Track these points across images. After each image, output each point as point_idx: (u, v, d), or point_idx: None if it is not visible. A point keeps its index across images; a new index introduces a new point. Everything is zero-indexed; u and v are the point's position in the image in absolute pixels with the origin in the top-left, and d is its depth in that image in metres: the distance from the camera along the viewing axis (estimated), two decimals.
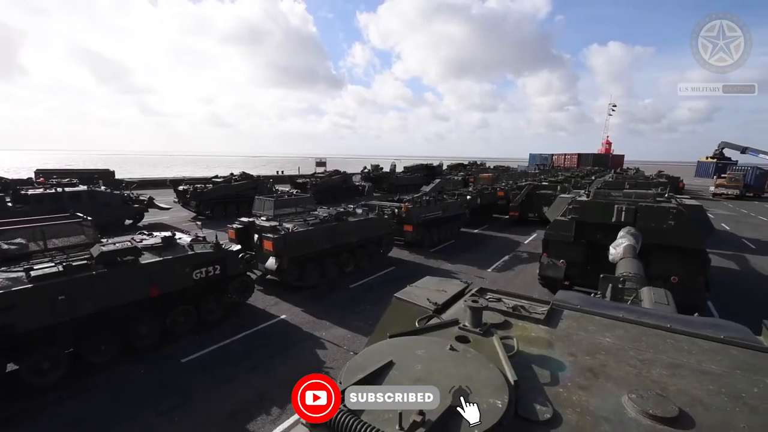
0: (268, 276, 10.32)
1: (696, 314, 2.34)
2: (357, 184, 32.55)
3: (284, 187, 26.00)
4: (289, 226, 10.07)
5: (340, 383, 1.30)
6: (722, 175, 37.79)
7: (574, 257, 8.63)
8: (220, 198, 20.99)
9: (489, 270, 12.49)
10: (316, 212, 11.84)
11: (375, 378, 1.32)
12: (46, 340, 6.09)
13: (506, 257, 13.99)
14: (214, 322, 8.26)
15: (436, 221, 15.49)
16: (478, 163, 53.63)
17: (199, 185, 21.10)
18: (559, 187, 19.18)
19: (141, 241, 7.69)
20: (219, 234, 9.69)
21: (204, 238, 8.60)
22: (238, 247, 8.96)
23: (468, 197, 19.14)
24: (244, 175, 23.81)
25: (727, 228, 20.22)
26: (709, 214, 22.48)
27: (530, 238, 16.97)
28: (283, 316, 8.74)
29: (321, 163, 39.13)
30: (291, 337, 7.79)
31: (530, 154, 67.35)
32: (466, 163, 51.91)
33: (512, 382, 1.33)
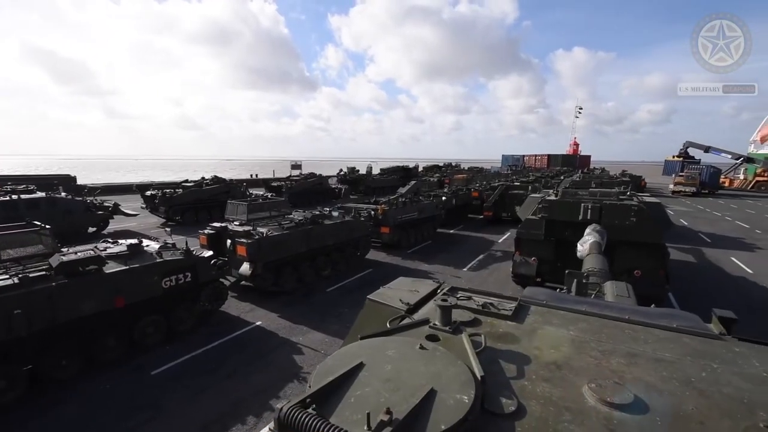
0: (243, 282, 10.08)
1: (653, 305, 2.49)
2: (333, 186, 32.35)
3: (258, 191, 25.50)
4: (263, 230, 9.89)
5: (309, 387, 1.30)
6: (680, 174, 40.09)
7: (545, 254, 8.92)
8: (190, 203, 20.33)
9: (465, 269, 12.70)
10: (291, 216, 11.68)
11: (344, 380, 1.33)
12: (1, 357, 5.71)
13: (481, 256, 14.28)
14: (186, 331, 7.98)
15: (413, 222, 15.62)
16: (453, 164, 54.46)
17: (168, 190, 20.36)
18: (530, 187, 19.78)
19: (105, 250, 7.35)
20: (190, 240, 9.38)
21: (173, 244, 8.31)
22: (210, 253, 8.71)
23: (443, 198, 19.43)
24: (216, 179, 23.19)
25: (685, 223, 21.47)
26: (669, 211, 23.82)
27: (504, 237, 17.39)
28: (258, 323, 8.56)
29: (296, 166, 38.63)
30: (267, 344, 7.64)
31: (503, 156, 69.04)
32: (441, 164, 52.60)
33: (479, 378, 1.37)
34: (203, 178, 23.56)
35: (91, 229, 16.75)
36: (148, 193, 20.33)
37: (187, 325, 8.05)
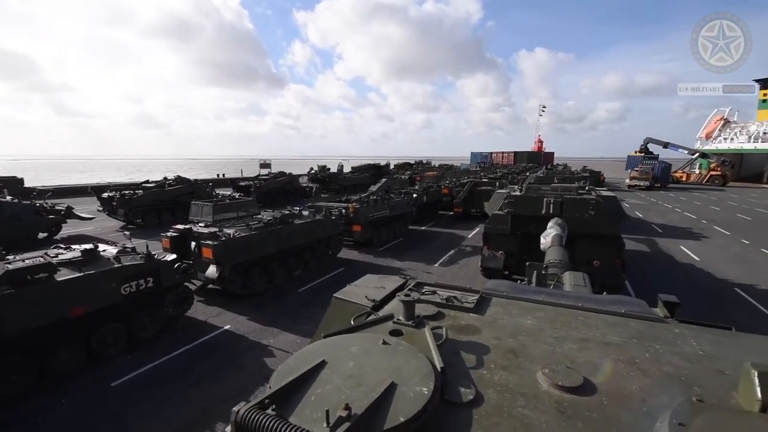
0: (210, 285, 9.76)
1: (604, 293, 2.64)
2: (304, 185, 31.88)
3: (226, 191, 24.73)
4: (230, 231, 9.60)
5: (269, 387, 1.29)
6: (635, 169, 42.51)
7: (511, 248, 9.22)
8: (152, 205, 19.40)
9: (436, 265, 12.91)
10: (259, 216, 11.41)
11: (306, 379, 1.32)
12: None
13: (452, 252, 14.56)
14: (149, 338, 7.64)
15: (384, 220, 15.69)
16: (424, 162, 55.09)
17: (127, 191, 19.32)
18: (497, 184, 20.36)
19: (56, 256, 6.89)
20: (152, 244, 8.99)
21: (133, 248, 7.92)
22: (174, 256, 8.37)
23: (414, 195, 19.63)
24: (180, 179, 22.23)
25: (640, 215, 22.83)
26: (625, 204, 25.24)
27: (473, 233, 17.81)
28: (227, 327, 8.32)
29: (265, 165, 37.75)
30: (236, 348, 7.45)
31: (472, 153, 70.56)
32: (412, 162, 53.06)
33: (439, 369, 1.40)
34: (165, 178, 22.54)
35: (41, 235, 15.65)
36: (105, 195, 19.20)
37: (151, 333, 7.71)
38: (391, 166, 45.85)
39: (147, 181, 22.54)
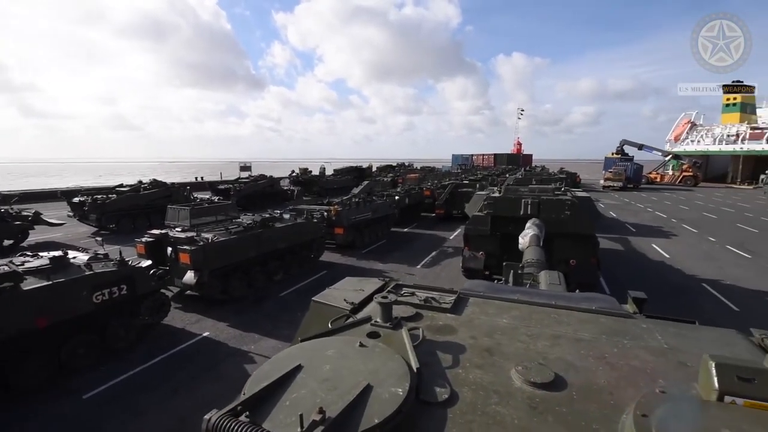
0: (187, 292, 9.52)
1: (577, 290, 2.72)
2: (285, 188, 31.55)
3: (204, 195, 24.21)
4: (208, 235, 9.39)
5: (243, 394, 1.27)
6: (609, 170, 43.95)
7: (491, 249, 9.37)
8: (126, 209, 18.79)
9: (418, 266, 12.98)
10: (239, 220, 11.23)
11: (281, 384, 1.31)
12: None
13: (434, 253, 14.67)
14: (124, 348, 7.38)
15: (367, 222, 15.68)
16: (406, 164, 55.39)
17: (99, 196, 18.64)
18: (478, 185, 20.66)
19: (23, 264, 6.59)
20: (126, 250, 8.70)
21: (106, 255, 7.65)
22: (149, 262, 8.12)
23: (396, 198, 19.71)
24: (156, 183, 21.63)
25: (614, 215, 23.61)
26: (600, 204, 26.05)
27: (455, 234, 18.00)
28: (205, 334, 8.13)
29: (245, 168, 37.15)
30: (216, 355, 7.28)
31: (453, 155, 71.42)
32: (394, 164, 53.27)
33: (415, 370, 1.42)
34: (140, 182, 21.88)
35: (7, 242, 14.91)
36: (76, 199, 18.49)
37: (126, 342, 7.45)
38: (374, 169, 45.92)
39: (121, 185, 21.84)
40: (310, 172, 35.62)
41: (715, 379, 1.24)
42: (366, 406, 1.20)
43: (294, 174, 34.17)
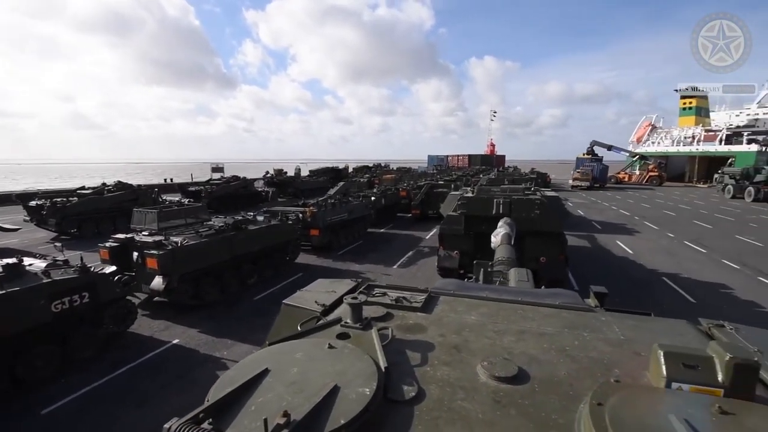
0: (156, 298, 9.16)
1: (543, 287, 2.82)
2: (260, 189, 30.92)
3: (174, 197, 23.38)
4: (177, 239, 9.07)
5: (207, 400, 1.24)
6: (577, 170, 45.67)
7: (466, 248, 9.53)
8: (89, 213, 17.88)
9: (395, 267, 13.04)
10: (210, 222, 10.91)
11: (246, 389, 1.29)
12: None
13: (410, 253, 14.78)
14: (87, 359, 7.02)
15: (343, 223, 15.61)
16: (383, 165, 55.52)
17: (59, 199, 17.65)
18: (452, 186, 20.98)
19: None
20: (89, 256, 8.30)
21: (66, 261, 7.27)
22: (114, 268, 7.77)
23: (373, 198, 19.73)
24: (121, 185, 20.70)
25: (582, 213, 24.57)
26: (569, 203, 27.04)
27: (431, 234, 18.20)
28: (175, 341, 7.85)
29: (218, 169, 36.11)
30: (186, 363, 7.04)
31: (428, 156, 72.18)
32: (371, 165, 53.27)
33: (383, 369, 1.43)
34: (104, 184, 20.88)
35: None
36: (33, 203, 17.42)
37: (89, 352, 7.10)
38: (350, 170, 45.76)
39: (83, 187, 20.77)
40: (285, 173, 35.09)
41: (663, 367, 1.32)
42: (333, 407, 1.20)
43: (268, 175, 33.55)
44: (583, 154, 52.95)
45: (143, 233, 9.77)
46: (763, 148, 41.86)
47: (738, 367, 1.23)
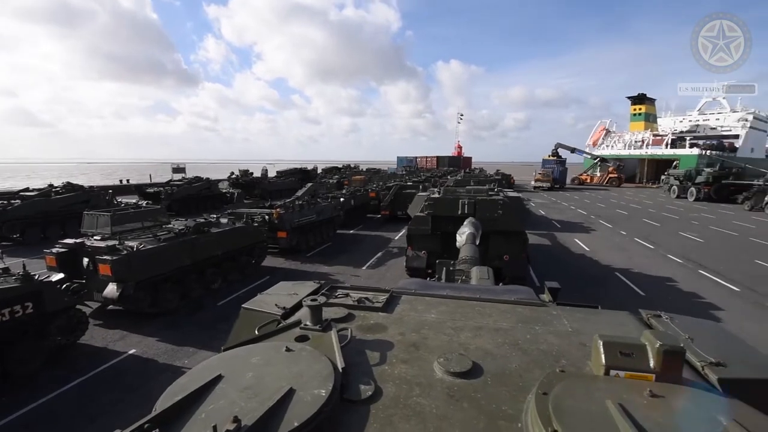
0: (110, 306, 8.64)
1: (500, 284, 2.94)
2: (224, 191, 29.89)
3: (130, 199, 22.14)
4: (133, 243, 8.59)
5: (155, 410, 1.20)
6: (539, 172, 47.63)
7: (433, 247, 9.71)
8: (34, 217, 16.57)
9: (364, 268, 13.03)
10: (170, 225, 10.43)
11: (197, 397, 1.25)
12: None
13: (379, 254, 14.83)
14: (32, 374, 6.50)
15: (311, 225, 15.41)
16: (352, 166, 55.32)
17: None
18: (421, 187, 21.27)
19: None
20: (34, 263, 7.70)
21: (6, 269, 6.71)
22: (61, 276, 7.26)
23: (342, 199, 19.61)
24: (70, 186, 19.34)
25: (543, 213, 25.66)
26: (532, 203, 28.17)
27: (400, 234, 18.35)
28: (131, 351, 7.43)
29: (179, 169, 34.54)
30: (144, 374, 6.69)
31: (398, 157, 72.68)
32: (340, 166, 52.94)
33: (340, 370, 1.43)
34: (51, 185, 19.43)
35: None
36: None
37: (33, 366, 6.58)
38: (319, 171, 45.25)
39: (27, 189, 19.23)
40: (252, 173, 34.15)
41: (603, 356, 1.41)
42: (287, 410, 1.19)
43: (233, 176, 32.51)
44: (549, 156, 55.11)
45: (95, 238, 9.19)
46: (704, 152, 45.65)
47: (666, 353, 1.34)
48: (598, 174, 55.86)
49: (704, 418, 1.14)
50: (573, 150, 56.56)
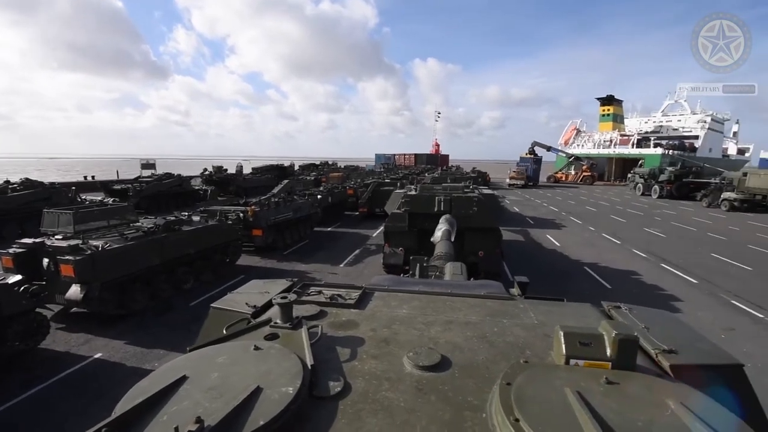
0: (74, 309, 8.25)
1: (471, 279, 3.00)
2: (197, 188, 29.01)
3: (96, 197, 21.14)
4: (97, 243, 8.21)
5: (114, 413, 1.16)
6: (513, 170, 48.77)
7: (410, 244, 9.78)
8: None
9: (341, 265, 12.99)
10: (138, 224, 10.03)
11: (160, 399, 1.22)
12: None
13: (357, 251, 14.81)
14: None
15: (288, 222, 15.20)
16: (330, 163, 54.85)
17: None
18: (398, 184, 21.37)
19: None
20: None
21: None
22: (18, 277, 6.85)
23: (319, 196, 19.44)
24: (28, 183, 18.26)
25: (517, 210, 26.34)
26: (507, 200, 28.85)
27: (377, 231, 18.36)
28: (97, 355, 7.13)
29: (148, 165, 33.21)
30: (111, 378, 6.43)
31: (376, 154, 72.67)
32: (318, 163, 52.36)
33: (309, 367, 1.43)
34: (8, 181, 18.29)
35: None
36: None
37: None
38: (296, 167, 44.62)
39: None
40: (226, 170, 33.27)
41: (563, 346, 1.47)
42: (253, 408, 1.18)
43: (207, 172, 31.58)
44: (526, 154, 56.27)
45: (56, 237, 8.72)
46: (667, 152, 48.04)
47: (621, 342, 1.41)
48: (573, 172, 57.70)
49: (654, 402, 1.21)
50: (549, 148, 58.13)
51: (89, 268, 7.67)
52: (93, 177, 33.13)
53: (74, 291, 7.71)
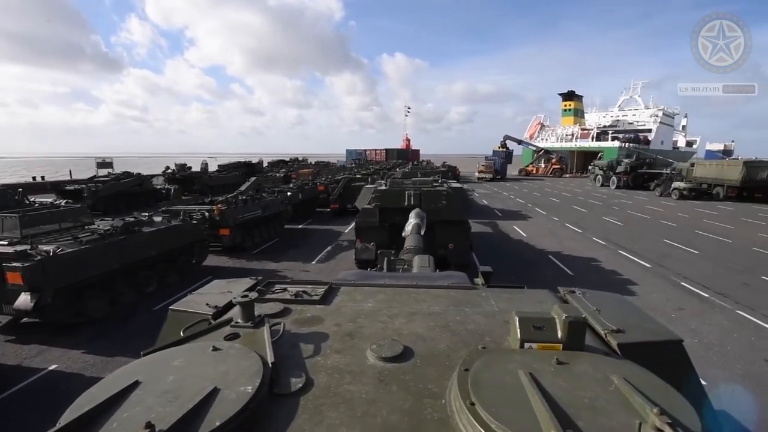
0: (24, 319, 7.70)
1: (437, 270, 3.07)
2: (159, 187, 27.72)
3: (46, 198, 19.74)
4: (48, 247, 7.67)
5: (59, 424, 1.10)
6: (481, 163, 49.91)
7: (381, 239, 9.82)
8: None
9: (313, 263, 12.86)
10: (94, 226, 9.47)
11: (110, 406, 1.17)
12: None
13: (329, 248, 14.71)
14: None
15: (256, 221, 14.84)
16: (300, 159, 53.92)
17: None
18: (370, 179, 21.35)
19: None
20: None
21: None
22: None
23: (289, 193, 19.08)
24: None
25: (486, 203, 27.02)
26: (476, 193, 29.52)
27: (349, 227, 18.27)
28: (52, 367, 6.70)
29: (104, 164, 31.35)
30: (67, 390, 6.06)
31: (347, 150, 72.13)
32: (287, 159, 51.34)
33: (270, 365, 1.41)
34: None
35: None
36: None
37: None
38: (265, 164, 43.55)
39: None
40: (190, 168, 31.97)
41: (518, 330, 1.54)
42: (209, 410, 1.16)
43: (169, 170, 30.22)
44: (498, 147, 57.37)
45: (1, 243, 8.07)
46: (623, 144, 50.78)
47: (571, 325, 1.49)
48: (543, 165, 59.72)
49: (600, 379, 1.29)
50: (520, 142, 59.80)
51: (39, 275, 7.17)
52: (42, 177, 30.86)
53: (23, 300, 7.18)
